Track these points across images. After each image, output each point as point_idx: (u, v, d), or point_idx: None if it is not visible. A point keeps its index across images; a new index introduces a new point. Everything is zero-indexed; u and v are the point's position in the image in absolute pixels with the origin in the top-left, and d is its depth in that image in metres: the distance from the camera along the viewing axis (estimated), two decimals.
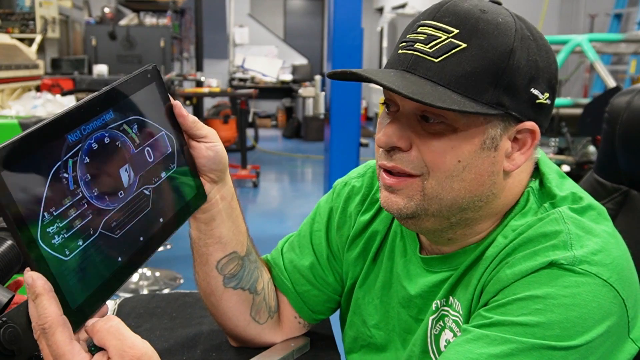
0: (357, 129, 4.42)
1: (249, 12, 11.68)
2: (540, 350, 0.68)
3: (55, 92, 4.29)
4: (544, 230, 0.75)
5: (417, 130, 0.76)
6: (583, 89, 8.78)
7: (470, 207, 0.79)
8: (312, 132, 9.81)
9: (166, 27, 6.72)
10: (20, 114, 3.22)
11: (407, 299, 0.90)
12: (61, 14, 5.59)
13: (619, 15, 8.10)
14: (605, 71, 4.14)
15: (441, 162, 0.76)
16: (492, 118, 0.75)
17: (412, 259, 0.91)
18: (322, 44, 12.71)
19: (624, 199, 1.12)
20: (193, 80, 7.69)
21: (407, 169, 0.77)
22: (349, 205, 1.00)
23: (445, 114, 0.74)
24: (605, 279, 0.71)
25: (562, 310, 0.69)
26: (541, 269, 0.72)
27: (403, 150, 0.77)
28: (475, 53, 0.73)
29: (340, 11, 4.20)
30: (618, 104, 1.12)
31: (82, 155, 0.61)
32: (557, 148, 4.41)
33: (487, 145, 0.76)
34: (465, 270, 0.83)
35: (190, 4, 8.35)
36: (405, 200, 0.78)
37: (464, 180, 0.77)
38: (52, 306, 0.57)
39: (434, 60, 0.73)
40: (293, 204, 6.03)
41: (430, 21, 0.76)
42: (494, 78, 0.73)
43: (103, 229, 0.62)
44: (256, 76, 11.07)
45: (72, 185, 0.59)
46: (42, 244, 0.56)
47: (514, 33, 0.75)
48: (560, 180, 0.83)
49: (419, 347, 0.87)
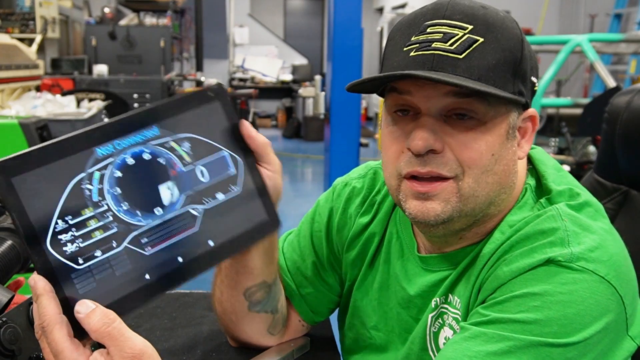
0: (357, 129, 4.42)
1: (249, 12, 11.68)
2: (537, 347, 0.68)
3: (55, 92, 4.29)
4: (541, 228, 0.75)
5: (447, 130, 0.75)
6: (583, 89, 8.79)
7: (496, 200, 0.79)
8: (312, 132, 9.81)
9: (166, 27, 6.72)
10: (20, 114, 3.22)
11: (406, 300, 0.89)
12: (61, 14, 5.59)
13: (619, 15, 8.10)
14: (605, 71, 4.14)
15: (478, 158, 0.75)
16: (512, 108, 0.76)
17: (410, 259, 0.90)
18: (322, 44, 12.71)
19: (624, 198, 1.12)
20: (193, 80, 7.69)
21: (443, 172, 0.75)
22: (349, 206, 0.99)
23: (475, 108, 0.74)
24: (602, 275, 0.71)
25: (560, 307, 0.69)
26: (538, 266, 0.72)
27: (437, 152, 0.75)
28: (495, 46, 0.73)
29: (340, 11, 4.20)
30: (618, 104, 1.11)
31: (113, 169, 0.62)
32: (557, 148, 4.41)
33: (510, 135, 0.77)
34: (465, 268, 0.82)
35: (190, 4, 8.36)
36: (442, 204, 0.76)
37: (496, 173, 0.77)
38: (50, 305, 0.58)
39: (459, 56, 0.72)
40: (293, 204, 6.03)
41: (440, 20, 0.75)
42: (513, 68, 0.74)
43: (130, 244, 0.62)
44: (256, 76, 11.08)
45: (95, 196, 0.60)
46: (50, 249, 0.57)
47: (516, 24, 0.77)
48: (557, 175, 0.83)
49: (418, 344, 0.86)
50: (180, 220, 0.66)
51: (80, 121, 3.40)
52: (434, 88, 0.74)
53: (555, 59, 4.19)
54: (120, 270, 0.62)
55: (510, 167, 0.78)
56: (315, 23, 13.20)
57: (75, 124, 3.39)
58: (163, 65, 6.50)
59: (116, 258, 0.61)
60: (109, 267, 0.61)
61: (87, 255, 0.59)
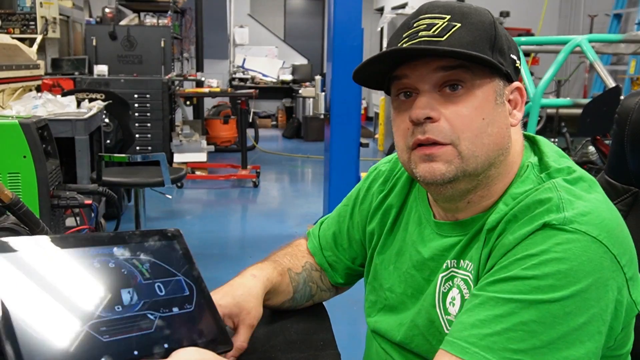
0: (357, 129, 4.42)
1: (249, 12, 11.68)
2: (537, 305, 0.75)
3: (56, 92, 4.29)
4: (539, 198, 0.83)
5: (441, 101, 0.87)
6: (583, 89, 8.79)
7: (495, 161, 0.89)
8: (312, 132, 9.81)
9: (166, 27, 6.72)
10: (21, 114, 3.22)
11: (420, 262, 0.99)
12: (62, 14, 5.59)
13: (618, 15, 8.11)
14: (604, 71, 4.14)
15: (469, 122, 0.86)
16: (495, 76, 0.88)
17: (426, 225, 1.01)
18: (322, 44, 12.72)
19: (634, 200, 1.12)
20: (193, 81, 7.69)
21: (438, 138, 0.86)
22: (373, 186, 1.15)
23: (462, 78, 0.86)
24: (594, 236, 0.78)
25: (555, 263, 0.76)
26: (536, 231, 0.80)
27: (434, 120, 0.86)
28: (470, 27, 0.86)
29: (340, 11, 4.21)
30: (628, 105, 1.11)
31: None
32: None
33: (499, 101, 0.88)
34: (474, 235, 0.92)
35: (190, 4, 8.36)
36: (446, 165, 0.87)
37: (490, 135, 0.87)
38: None
39: (441, 39, 0.85)
40: (293, 204, 6.03)
41: (423, 15, 0.89)
42: (490, 43, 0.86)
43: (89, 329, 0.72)
44: (256, 76, 11.08)
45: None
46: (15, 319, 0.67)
47: (488, 12, 0.90)
48: (558, 157, 0.92)
49: (428, 301, 0.96)
50: (138, 320, 0.78)
51: (80, 121, 3.41)
52: (425, 66, 0.86)
53: (555, 59, 4.19)
54: (80, 349, 0.71)
55: (503, 130, 0.89)
56: (315, 23, 13.20)
57: (76, 123, 3.39)
58: (163, 66, 6.51)
59: (77, 335, 0.71)
60: (70, 344, 0.70)
61: (45, 327, 0.69)
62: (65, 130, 3.36)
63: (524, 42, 4.61)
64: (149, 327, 0.79)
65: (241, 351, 0.94)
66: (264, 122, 11.32)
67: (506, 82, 0.90)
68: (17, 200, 0.87)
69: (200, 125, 7.88)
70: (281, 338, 1.06)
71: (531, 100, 4.06)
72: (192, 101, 7.74)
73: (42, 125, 2.77)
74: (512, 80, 0.91)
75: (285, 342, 1.05)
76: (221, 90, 7.48)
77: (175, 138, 6.82)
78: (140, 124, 6.14)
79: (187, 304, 0.86)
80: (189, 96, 7.33)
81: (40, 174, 2.63)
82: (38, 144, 2.63)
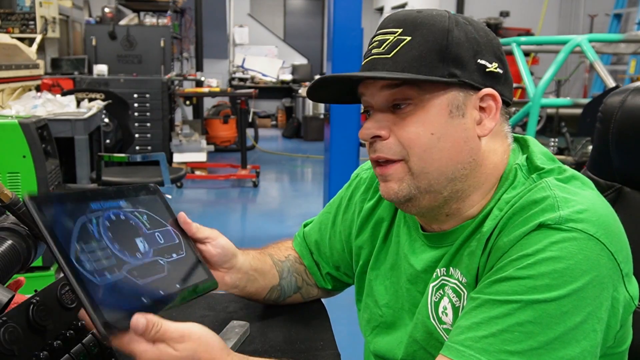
0: (357, 129, 4.42)
1: (249, 12, 11.68)
2: (533, 305, 0.74)
3: (56, 91, 4.29)
4: (534, 198, 0.82)
5: (391, 119, 0.87)
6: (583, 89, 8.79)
7: (457, 176, 0.87)
8: (312, 132, 9.81)
9: (166, 27, 6.72)
10: (21, 113, 3.22)
11: (414, 276, 0.98)
12: (61, 14, 5.59)
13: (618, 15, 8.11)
14: (604, 71, 4.14)
15: (416, 138, 0.85)
16: (450, 89, 0.85)
17: (416, 237, 1.00)
18: (322, 44, 12.71)
19: (618, 195, 1.14)
20: (193, 80, 7.69)
21: (388, 156, 0.87)
22: (355, 194, 1.14)
23: (409, 95, 0.85)
24: (591, 233, 0.77)
25: (550, 262, 0.75)
26: (532, 231, 0.79)
27: (383, 138, 0.87)
28: (419, 40, 0.85)
29: (340, 11, 4.21)
30: (612, 103, 1.14)
31: (103, 219, 0.80)
32: (556, 148, 4.41)
33: (454, 113, 0.86)
34: (462, 243, 0.91)
35: (190, 4, 8.35)
36: (397, 183, 0.88)
37: (442, 149, 0.86)
38: None
39: (388, 56, 0.85)
40: (293, 204, 6.03)
41: (380, 30, 0.89)
42: (439, 55, 0.84)
43: (128, 274, 0.78)
44: (256, 76, 11.07)
45: (96, 234, 0.77)
46: (75, 264, 0.71)
47: (447, 19, 0.87)
48: (546, 158, 0.90)
49: (423, 313, 0.95)
50: (153, 265, 0.84)
51: (80, 121, 3.40)
52: (373, 85, 0.87)
53: (555, 59, 4.19)
54: (127, 291, 0.76)
55: (462, 143, 0.87)
56: (315, 23, 13.19)
57: (75, 123, 3.39)
58: (163, 65, 6.50)
59: (122, 281, 0.76)
60: (120, 288, 0.75)
61: (100, 275, 0.73)
62: (64, 130, 3.36)
63: (524, 42, 4.61)
64: (162, 271, 0.85)
65: None
66: (264, 121, 11.31)
67: (470, 90, 0.86)
68: (17, 200, 0.86)
69: (200, 125, 7.88)
70: (281, 338, 1.06)
71: (531, 100, 4.06)
72: (192, 101, 7.74)
73: (42, 125, 2.76)
74: (480, 87, 0.86)
75: (285, 342, 1.05)
76: (221, 90, 7.48)
77: (174, 138, 6.82)
78: (139, 123, 6.14)
79: (180, 251, 0.92)
80: (189, 96, 7.32)
81: (40, 174, 2.63)
82: (38, 144, 2.63)
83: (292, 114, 11.01)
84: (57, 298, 0.83)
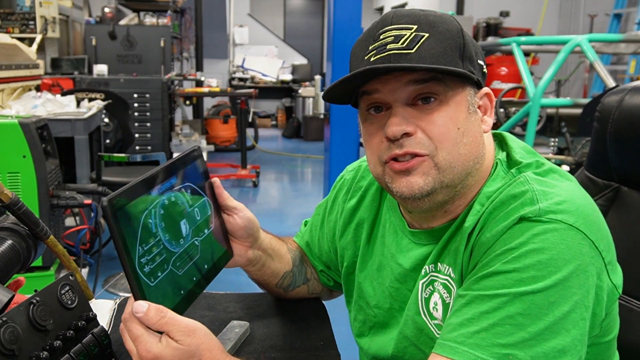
0: (357, 129, 4.41)
1: (249, 12, 11.68)
2: (521, 297, 0.76)
3: (55, 91, 4.29)
4: (513, 192, 0.84)
5: (415, 114, 0.86)
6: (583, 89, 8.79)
7: (471, 171, 0.89)
8: (312, 132, 9.81)
9: (166, 27, 6.71)
10: (21, 113, 3.22)
11: (402, 274, 0.99)
12: (61, 14, 5.59)
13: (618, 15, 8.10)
14: (604, 71, 4.14)
15: (446, 132, 0.85)
16: (467, 85, 0.88)
17: (402, 236, 1.01)
18: (322, 44, 12.71)
19: (615, 195, 1.15)
20: (193, 80, 7.69)
21: (418, 150, 0.86)
22: (339, 195, 1.16)
23: (435, 90, 0.85)
24: (570, 223, 0.79)
25: (534, 254, 0.77)
26: (513, 225, 0.80)
27: (411, 134, 0.86)
28: (439, 37, 0.85)
29: (340, 11, 4.21)
30: (609, 103, 1.15)
31: (159, 208, 0.78)
32: (556, 148, 4.41)
33: (471, 110, 0.88)
34: (448, 239, 0.92)
35: (190, 4, 8.35)
36: (423, 177, 0.87)
37: (466, 144, 0.87)
38: None
39: (411, 51, 0.83)
40: (293, 204, 6.03)
41: (389, 26, 0.86)
42: (459, 52, 0.86)
43: (172, 266, 0.78)
44: (256, 76, 11.07)
45: (153, 228, 0.76)
46: (139, 272, 0.72)
47: (454, 19, 0.89)
48: (525, 152, 0.92)
49: (413, 309, 0.96)
50: (190, 249, 0.83)
51: (80, 121, 3.40)
52: (396, 81, 0.85)
53: (555, 59, 4.19)
54: (169, 287, 0.77)
55: (478, 138, 0.89)
56: (315, 23, 13.19)
57: (75, 123, 3.39)
58: (163, 65, 6.50)
59: (167, 277, 0.77)
60: (164, 285, 0.76)
61: (155, 276, 0.74)
62: (64, 130, 3.35)
63: (524, 42, 4.61)
64: (196, 253, 0.85)
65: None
66: (264, 121, 11.31)
67: (476, 89, 0.90)
68: (17, 200, 0.86)
69: (200, 124, 7.88)
70: (281, 338, 1.06)
71: (531, 100, 4.06)
72: (192, 101, 7.74)
73: (42, 125, 2.76)
74: (481, 86, 0.91)
75: (285, 342, 1.05)
76: (221, 89, 7.48)
77: (174, 138, 6.82)
78: (139, 123, 6.14)
79: (210, 224, 0.91)
80: (189, 96, 7.32)
81: (40, 174, 2.63)
82: (38, 144, 2.63)
83: (292, 114, 11.01)
84: (57, 298, 0.83)
